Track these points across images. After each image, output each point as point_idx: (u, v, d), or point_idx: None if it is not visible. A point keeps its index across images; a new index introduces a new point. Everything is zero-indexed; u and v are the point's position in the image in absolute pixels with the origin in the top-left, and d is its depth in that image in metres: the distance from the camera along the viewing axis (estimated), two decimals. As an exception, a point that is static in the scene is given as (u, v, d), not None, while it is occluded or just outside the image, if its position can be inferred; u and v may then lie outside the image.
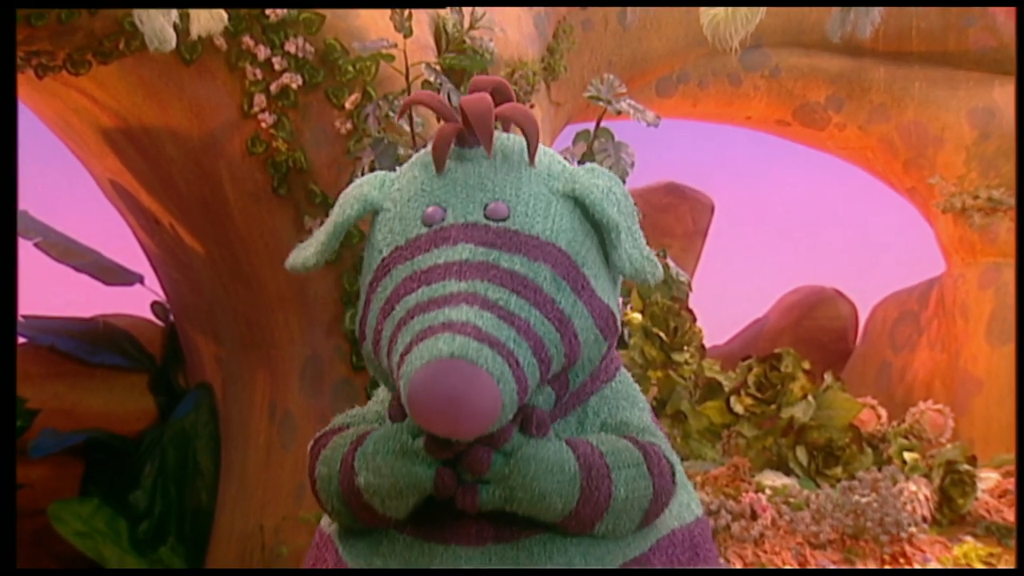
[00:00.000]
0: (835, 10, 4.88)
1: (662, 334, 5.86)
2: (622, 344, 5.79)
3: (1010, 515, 5.39)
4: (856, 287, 10.34)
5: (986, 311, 8.15)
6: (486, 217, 1.76)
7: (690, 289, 7.19)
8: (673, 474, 1.93)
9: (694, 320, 6.11)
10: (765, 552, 4.46)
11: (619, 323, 1.91)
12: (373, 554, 1.85)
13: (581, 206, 1.83)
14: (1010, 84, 8.08)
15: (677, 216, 10.04)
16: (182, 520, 6.00)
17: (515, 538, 1.80)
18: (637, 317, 5.90)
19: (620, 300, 5.87)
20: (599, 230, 1.84)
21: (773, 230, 12.24)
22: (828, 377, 5.96)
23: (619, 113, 5.65)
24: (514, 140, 1.88)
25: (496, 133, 1.84)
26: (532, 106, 5.91)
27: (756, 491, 4.84)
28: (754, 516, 4.61)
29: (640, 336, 5.86)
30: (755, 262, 12.27)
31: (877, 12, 4.73)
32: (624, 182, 5.73)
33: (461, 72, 5.22)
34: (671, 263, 6.06)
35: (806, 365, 5.83)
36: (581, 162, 5.57)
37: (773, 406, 5.63)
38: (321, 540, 2.02)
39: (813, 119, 8.42)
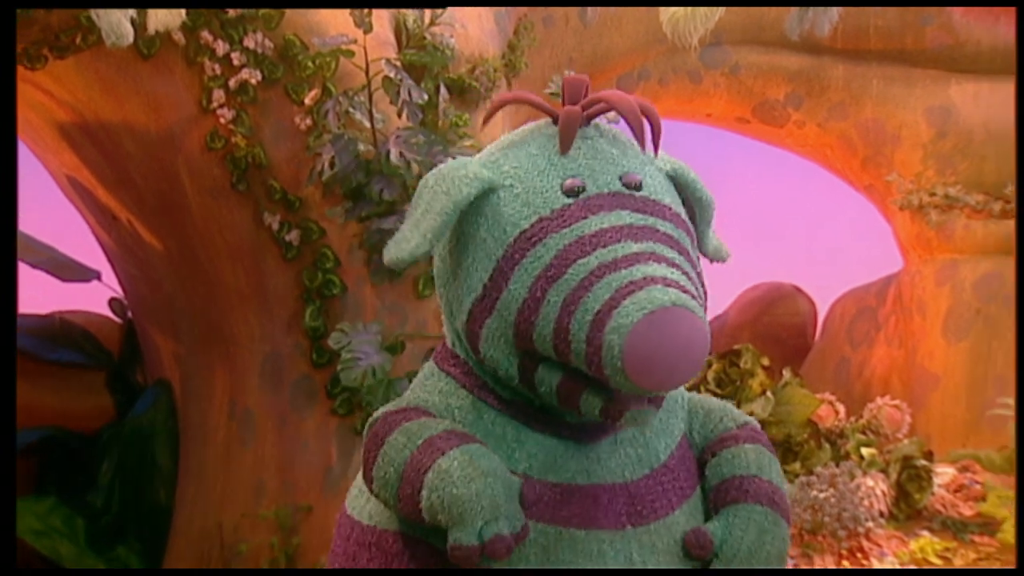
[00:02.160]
0: (794, 8, 4.91)
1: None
2: (582, 341, 5.78)
3: (966, 510, 5.45)
4: (815, 283, 10.41)
5: (943, 307, 8.22)
6: (624, 187, 1.81)
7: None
8: None
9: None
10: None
11: None
12: None
13: (680, 185, 1.94)
14: (966, 82, 8.15)
15: (637, 213, 10.03)
16: (140, 518, 5.96)
17: (647, 520, 1.86)
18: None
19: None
20: (691, 209, 1.96)
21: (733, 227, 12.21)
22: (787, 373, 6.00)
23: (580, 109, 5.66)
24: (612, 128, 1.95)
25: (596, 121, 1.91)
26: (493, 102, 5.90)
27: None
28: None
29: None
30: (715, 258, 12.29)
31: (835, 10, 4.76)
32: (584, 179, 5.74)
33: (422, 68, 5.21)
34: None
35: (765, 361, 5.87)
36: (541, 159, 5.56)
37: (732, 402, 5.65)
38: (381, 538, 1.93)
39: (773, 116, 8.46)
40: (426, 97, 4.93)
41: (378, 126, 4.92)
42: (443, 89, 5.29)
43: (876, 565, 4.78)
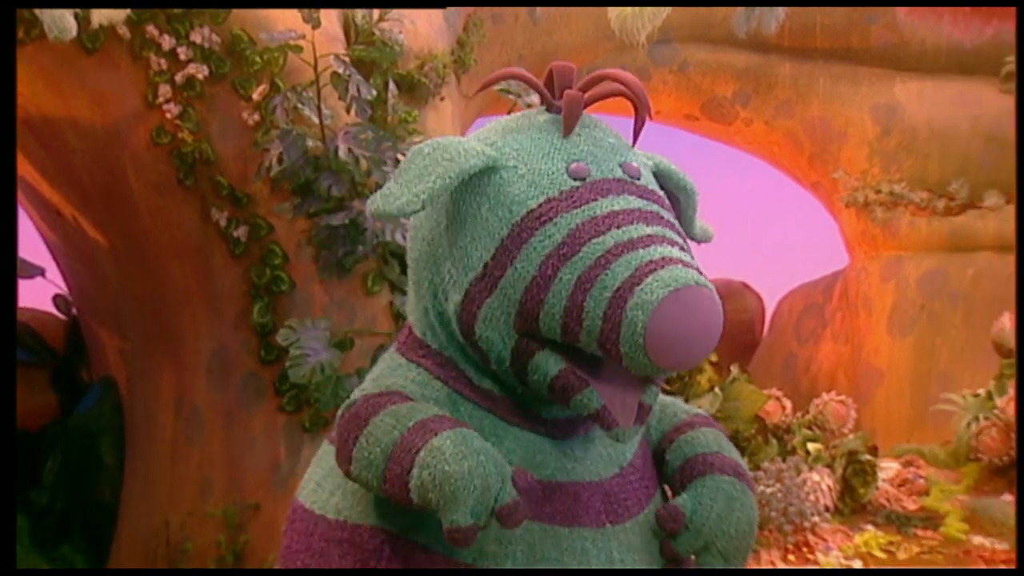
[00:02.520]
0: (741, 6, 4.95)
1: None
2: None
3: (910, 504, 5.52)
4: (763, 280, 10.51)
5: (888, 304, 8.33)
6: (625, 175, 1.82)
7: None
8: None
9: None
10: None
11: None
12: (484, 541, 1.76)
13: (662, 177, 1.95)
14: (911, 80, 8.26)
15: (588, 209, 10.07)
16: (85, 516, 5.90)
17: (623, 518, 1.87)
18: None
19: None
20: (674, 199, 1.98)
21: (682, 223, 12.32)
22: (735, 369, 6.05)
23: (529, 107, 5.67)
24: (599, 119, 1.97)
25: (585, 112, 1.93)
26: (442, 99, 5.90)
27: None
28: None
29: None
30: (664, 255, 12.37)
31: (782, 9, 4.81)
32: (533, 176, 5.75)
33: (371, 64, 5.19)
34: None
35: (713, 357, 5.91)
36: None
37: (680, 398, 5.69)
38: (356, 535, 1.87)
39: (721, 114, 8.53)
40: (375, 93, 4.92)
41: (326, 122, 4.90)
42: (392, 85, 5.27)
43: (822, 559, 4.83)
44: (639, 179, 1.83)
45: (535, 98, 5.54)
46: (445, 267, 1.85)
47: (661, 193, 1.86)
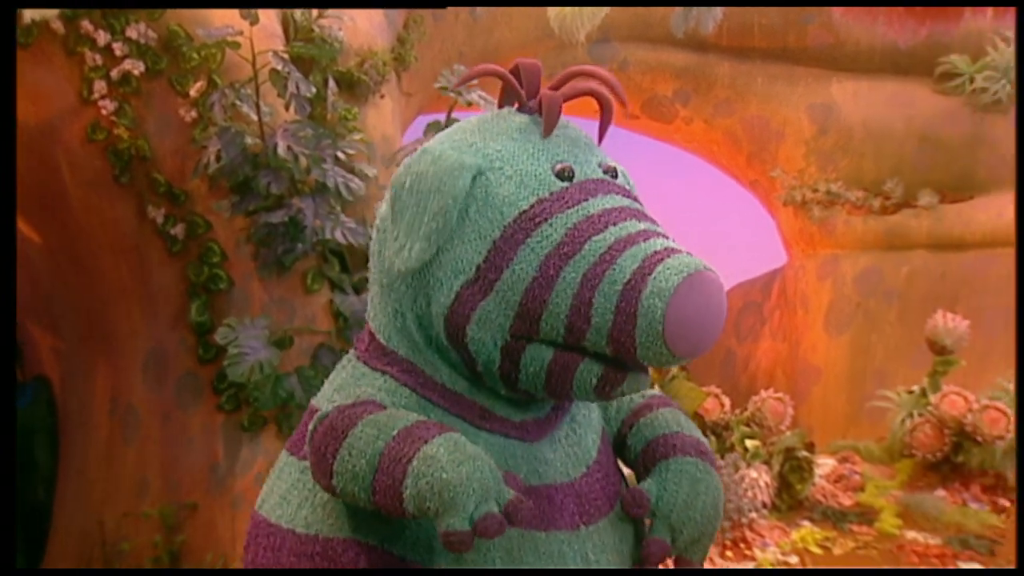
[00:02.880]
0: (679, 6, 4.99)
1: (510, 326, 5.88)
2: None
3: (846, 499, 5.60)
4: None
5: (824, 301, 8.43)
6: (604, 173, 1.82)
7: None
8: None
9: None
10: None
11: None
12: None
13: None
14: (847, 80, 8.36)
15: (528, 207, 10.10)
16: (19, 517, 5.82)
17: (595, 519, 1.86)
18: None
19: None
20: None
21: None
22: (674, 367, 6.09)
23: (470, 104, 5.68)
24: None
25: None
26: (383, 96, 5.89)
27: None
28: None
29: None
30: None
31: (719, 9, 4.85)
32: (474, 173, 5.76)
33: (310, 61, 5.17)
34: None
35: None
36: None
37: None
38: (328, 548, 1.82)
39: (661, 112, 8.58)
40: (314, 90, 4.91)
41: (265, 119, 4.88)
42: (331, 82, 5.26)
43: (759, 556, 4.89)
44: (616, 178, 1.84)
45: (475, 95, 5.56)
46: (430, 271, 1.80)
47: (635, 194, 1.87)
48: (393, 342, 1.88)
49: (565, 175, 1.77)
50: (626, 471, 2.05)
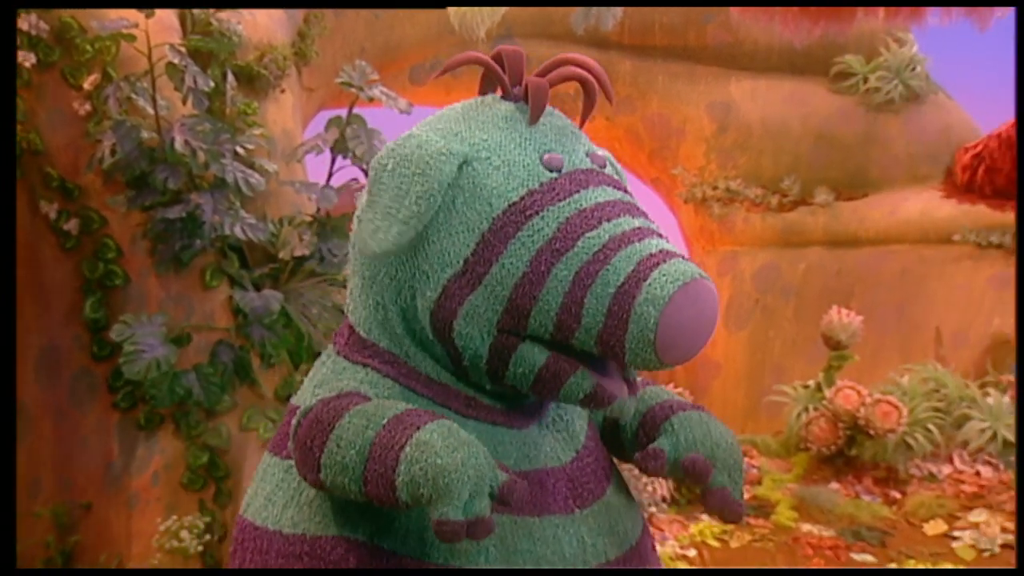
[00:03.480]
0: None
1: (414, 321, 5.88)
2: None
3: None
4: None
5: (724, 297, 8.54)
6: (592, 163, 1.79)
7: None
8: None
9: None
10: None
11: None
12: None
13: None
14: (745, 79, 8.51)
15: (432, 203, 10.11)
16: (-93, 522, 5.68)
17: (588, 502, 1.84)
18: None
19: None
20: None
21: (526, 218, 12.44)
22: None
23: (372, 100, 5.67)
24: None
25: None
26: (283, 91, 5.85)
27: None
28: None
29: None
30: (508, 249, 12.46)
31: (619, 7, 4.90)
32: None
33: (208, 55, 5.11)
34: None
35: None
36: (333, 149, 5.56)
37: (523, 391, 5.76)
38: (318, 547, 1.79)
39: (563, 110, 8.59)
40: (212, 84, 4.85)
41: (162, 113, 4.81)
42: (230, 76, 5.21)
43: (659, 550, 4.95)
44: (605, 168, 1.81)
45: (377, 91, 5.54)
46: (415, 262, 1.76)
47: (624, 183, 1.85)
48: (374, 335, 1.84)
49: (554, 165, 1.74)
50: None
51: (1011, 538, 4.76)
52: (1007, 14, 5.53)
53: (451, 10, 4.61)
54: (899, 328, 7.65)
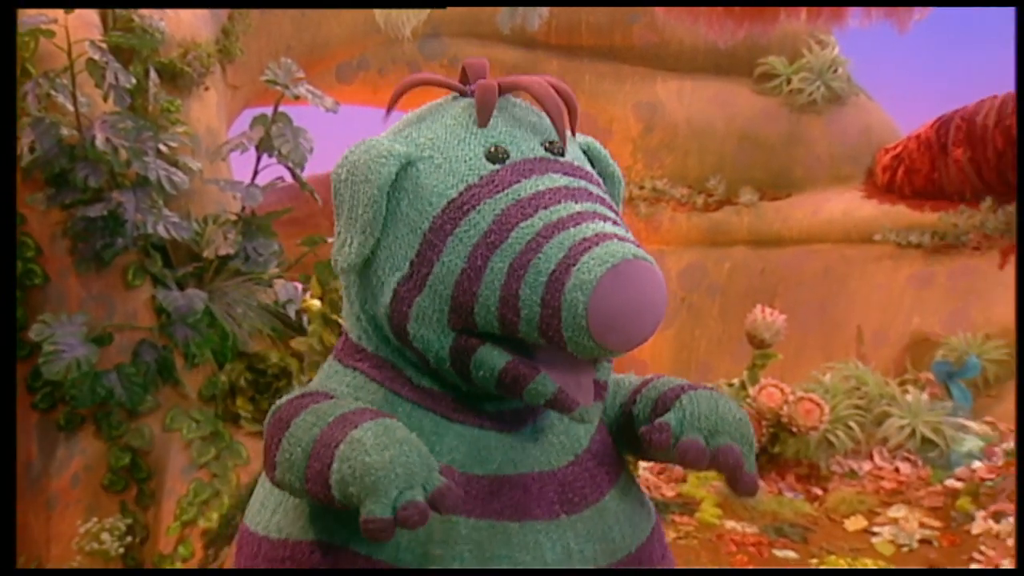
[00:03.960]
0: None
1: (341, 321, 5.85)
2: (300, 331, 5.76)
3: (668, 491, 5.74)
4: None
5: (650, 296, 8.62)
6: (547, 152, 1.70)
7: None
8: None
9: (374, 307, 6.13)
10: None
11: None
12: (427, 544, 1.69)
13: (592, 159, 1.83)
14: (671, 79, 8.58)
15: (359, 202, 10.08)
16: None
17: (579, 508, 1.76)
18: (316, 304, 5.88)
19: (300, 287, 5.78)
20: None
21: (454, 217, 12.46)
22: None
23: (297, 98, 5.64)
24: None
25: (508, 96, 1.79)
26: (207, 88, 5.80)
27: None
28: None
29: (319, 323, 5.84)
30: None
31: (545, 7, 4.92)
32: (303, 168, 5.72)
33: (129, 51, 5.06)
34: (351, 250, 6.09)
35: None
36: (258, 147, 5.52)
37: (449, 390, 5.76)
38: (296, 551, 1.78)
39: (490, 108, 8.64)
40: (134, 81, 4.80)
41: (82, 110, 4.75)
42: (153, 73, 5.15)
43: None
44: (563, 156, 1.72)
45: (302, 89, 5.51)
46: (371, 269, 1.74)
47: (590, 169, 1.76)
48: (363, 340, 1.82)
49: (499, 157, 1.68)
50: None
51: (928, 533, 4.84)
52: (925, 15, 5.64)
53: (377, 10, 4.59)
54: (821, 326, 7.75)
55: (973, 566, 4.33)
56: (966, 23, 12.15)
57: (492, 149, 1.69)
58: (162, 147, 4.96)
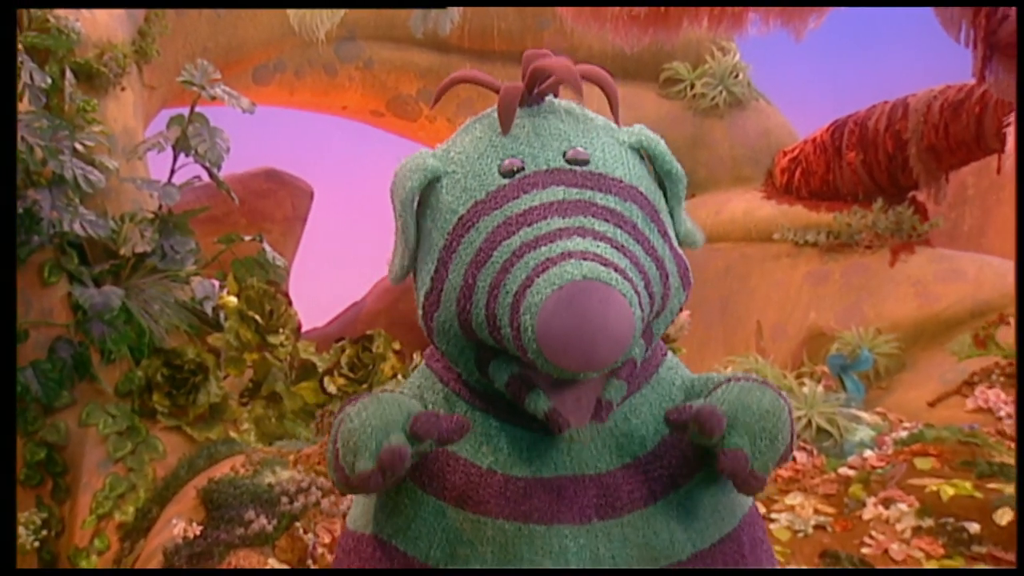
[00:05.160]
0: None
1: (258, 317, 5.84)
2: (217, 327, 5.73)
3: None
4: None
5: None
6: (567, 163, 1.68)
7: (287, 273, 7.20)
8: None
9: (289, 303, 6.13)
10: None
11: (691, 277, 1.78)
12: (456, 543, 1.69)
13: (649, 157, 1.80)
14: (585, 83, 8.64)
15: (277, 202, 10.02)
16: None
17: (619, 513, 1.69)
18: (232, 300, 5.85)
19: (217, 284, 5.73)
20: (662, 183, 1.80)
21: (370, 215, 12.44)
22: (417, 356, 6.15)
23: (214, 99, 5.59)
24: (570, 102, 1.83)
25: (549, 97, 1.79)
26: (123, 89, 5.73)
27: (347, 467, 4.91)
28: (343, 491, 4.69)
29: (236, 319, 5.82)
30: (354, 246, 12.43)
31: (456, 11, 4.93)
32: (220, 167, 5.68)
33: (45, 52, 4.98)
34: (267, 247, 6.06)
35: (396, 346, 5.99)
36: (175, 147, 5.47)
37: (365, 385, 5.75)
38: (359, 543, 1.81)
39: (405, 111, 8.63)
40: (50, 81, 4.74)
41: (-2, 109, 4.67)
42: (69, 73, 5.08)
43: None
44: (585, 165, 1.68)
45: (219, 90, 5.47)
46: (417, 285, 1.76)
47: (618, 175, 1.70)
48: (436, 342, 1.80)
49: (512, 171, 1.66)
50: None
51: (823, 519, 4.93)
52: (820, 23, 5.74)
53: (291, 12, 4.57)
54: (723, 322, 7.86)
55: (864, 550, 4.42)
56: (859, 32, 12.42)
57: (507, 162, 1.67)
58: (78, 146, 4.91)
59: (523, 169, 1.65)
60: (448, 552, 1.69)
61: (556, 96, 1.82)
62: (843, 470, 5.13)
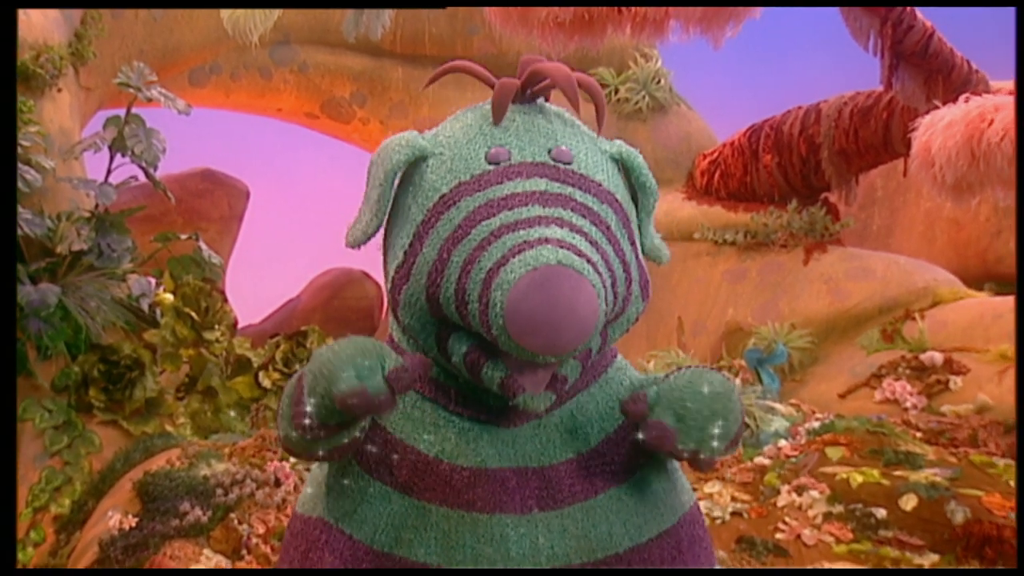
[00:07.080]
0: (349, 11, 5.03)
1: (193, 314, 5.79)
2: (153, 324, 5.68)
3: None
4: (380, 269, 10.69)
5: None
6: (552, 159, 1.70)
7: (223, 271, 7.15)
8: None
9: (225, 300, 6.10)
10: (288, 516, 4.54)
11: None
12: (401, 528, 1.70)
13: (626, 169, 1.82)
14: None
15: (213, 201, 9.95)
16: None
17: (558, 506, 1.71)
18: (169, 298, 5.80)
19: (154, 281, 5.67)
20: (635, 197, 1.83)
21: (306, 215, 12.40)
22: (350, 351, 6.14)
23: (150, 100, 5.54)
24: (560, 108, 1.84)
25: (540, 100, 1.82)
26: (60, 90, 5.65)
27: (281, 460, 4.90)
28: (278, 483, 4.68)
29: (172, 316, 5.77)
30: (289, 245, 12.36)
31: (387, 14, 4.92)
32: (156, 167, 5.63)
33: (-20, 52, 4.90)
34: (203, 246, 6.02)
35: (330, 341, 5.98)
36: (111, 147, 5.41)
37: (297, 380, 5.74)
38: (307, 525, 1.81)
39: (339, 113, 8.60)
40: (-14, 81, 4.65)
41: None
42: (5, 74, 5.00)
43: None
44: (569, 163, 1.71)
45: (155, 92, 5.42)
46: (387, 259, 1.78)
47: (598, 179, 1.73)
48: (393, 327, 1.85)
49: (497, 159, 1.69)
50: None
51: (740, 506, 4.99)
52: (738, 31, 5.82)
53: (224, 15, 4.54)
54: (646, 317, 7.80)
55: (778, 536, 4.49)
56: (775, 41, 12.60)
57: (493, 150, 1.70)
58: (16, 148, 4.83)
59: (509, 159, 1.69)
60: (393, 536, 1.71)
61: (547, 101, 1.86)
62: (759, 459, 5.20)
